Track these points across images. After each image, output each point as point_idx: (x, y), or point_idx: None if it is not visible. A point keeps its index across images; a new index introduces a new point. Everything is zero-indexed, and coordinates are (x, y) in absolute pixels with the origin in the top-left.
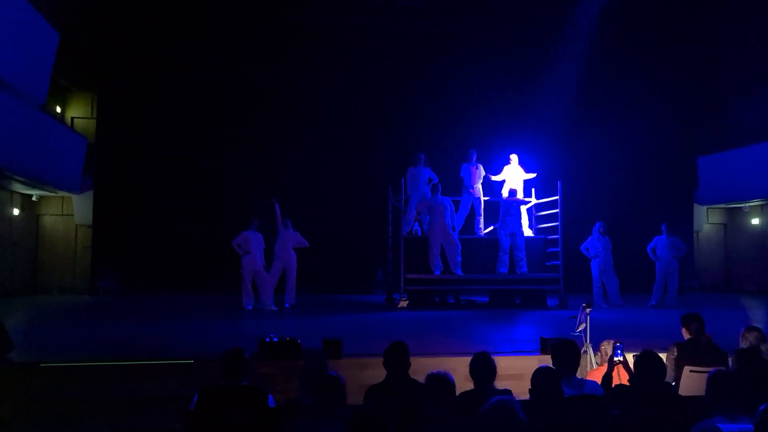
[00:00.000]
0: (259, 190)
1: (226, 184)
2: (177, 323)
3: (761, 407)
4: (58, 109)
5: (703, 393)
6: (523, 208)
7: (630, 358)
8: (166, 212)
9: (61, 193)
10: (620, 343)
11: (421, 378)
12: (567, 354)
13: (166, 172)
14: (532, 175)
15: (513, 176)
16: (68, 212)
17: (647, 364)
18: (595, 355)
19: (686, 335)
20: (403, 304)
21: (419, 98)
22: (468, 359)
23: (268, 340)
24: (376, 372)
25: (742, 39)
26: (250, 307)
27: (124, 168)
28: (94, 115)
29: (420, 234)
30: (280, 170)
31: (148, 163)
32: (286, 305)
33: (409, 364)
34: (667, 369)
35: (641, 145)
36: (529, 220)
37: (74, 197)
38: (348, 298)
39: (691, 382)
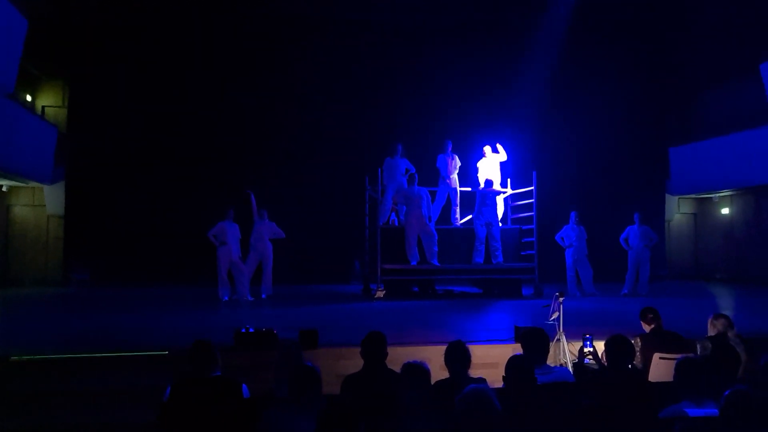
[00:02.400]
0: (235, 181)
1: (201, 175)
2: (151, 315)
3: (726, 392)
4: (28, 98)
5: (671, 379)
6: (499, 199)
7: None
8: (140, 202)
9: (31, 184)
10: (589, 335)
11: (397, 367)
12: (536, 342)
13: (139, 161)
14: (503, 155)
15: (489, 166)
16: (39, 203)
17: (616, 346)
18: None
19: (646, 328)
20: (380, 294)
21: (396, 89)
22: (443, 348)
23: (244, 330)
24: (352, 362)
25: (712, 31)
26: (226, 298)
27: (96, 157)
28: (66, 104)
29: (397, 224)
30: (256, 161)
31: (121, 152)
32: (263, 296)
33: (386, 354)
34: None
35: (614, 136)
36: (505, 210)
37: (45, 187)
38: (325, 289)
39: (660, 368)
